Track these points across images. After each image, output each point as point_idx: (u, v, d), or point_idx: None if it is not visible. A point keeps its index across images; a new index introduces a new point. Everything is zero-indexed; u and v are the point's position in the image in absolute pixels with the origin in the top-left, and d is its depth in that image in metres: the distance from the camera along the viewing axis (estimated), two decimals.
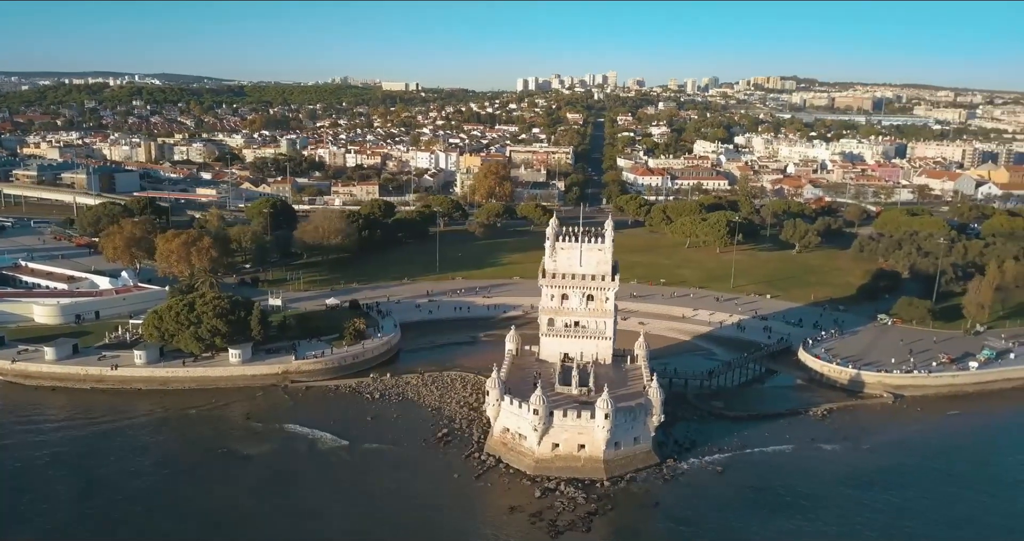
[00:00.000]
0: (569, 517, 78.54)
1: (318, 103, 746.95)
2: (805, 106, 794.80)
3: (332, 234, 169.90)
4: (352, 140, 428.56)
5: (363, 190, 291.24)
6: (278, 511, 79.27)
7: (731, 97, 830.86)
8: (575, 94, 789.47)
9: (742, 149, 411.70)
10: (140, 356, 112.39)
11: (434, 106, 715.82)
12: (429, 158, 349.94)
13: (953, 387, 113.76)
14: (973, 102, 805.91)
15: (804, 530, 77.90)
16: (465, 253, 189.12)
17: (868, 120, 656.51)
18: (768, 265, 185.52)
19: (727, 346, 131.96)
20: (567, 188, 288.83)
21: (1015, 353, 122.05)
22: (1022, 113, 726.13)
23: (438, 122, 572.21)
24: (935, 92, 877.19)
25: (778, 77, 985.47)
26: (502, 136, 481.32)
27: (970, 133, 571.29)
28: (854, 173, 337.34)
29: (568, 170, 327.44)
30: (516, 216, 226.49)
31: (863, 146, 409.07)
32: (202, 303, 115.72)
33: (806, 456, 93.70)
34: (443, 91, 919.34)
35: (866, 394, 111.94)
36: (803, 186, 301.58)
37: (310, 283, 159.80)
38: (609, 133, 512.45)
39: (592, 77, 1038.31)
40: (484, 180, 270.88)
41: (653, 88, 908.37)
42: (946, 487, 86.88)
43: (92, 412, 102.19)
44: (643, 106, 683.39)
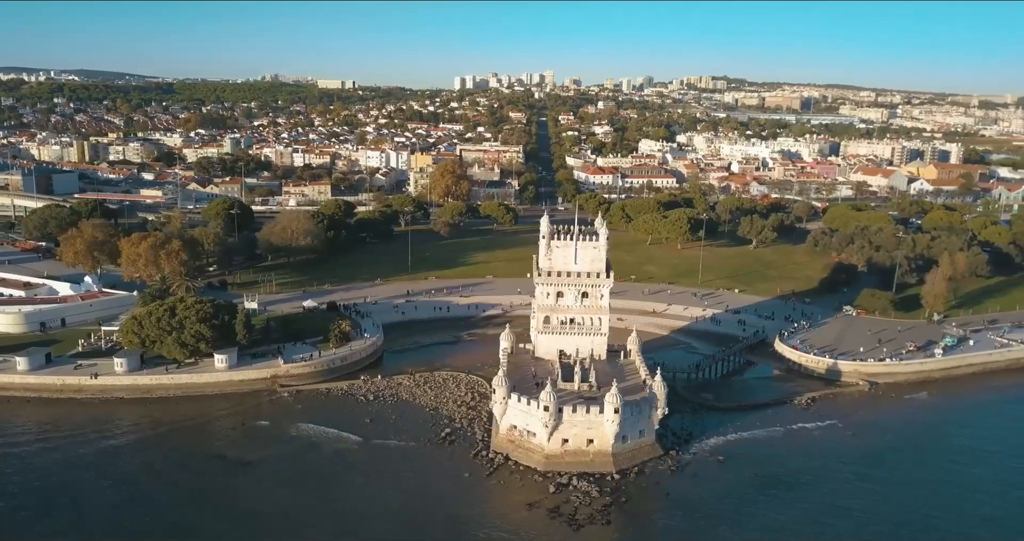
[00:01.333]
0: (587, 511, 79.98)
1: (252, 101, 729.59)
2: (737, 105, 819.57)
3: (301, 235, 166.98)
4: (296, 139, 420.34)
5: (315, 190, 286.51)
6: (315, 512, 78.29)
7: (667, 96, 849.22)
8: (515, 93, 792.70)
9: (685, 148, 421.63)
10: (121, 364, 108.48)
11: (374, 104, 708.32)
12: (380, 157, 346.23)
13: (922, 373, 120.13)
14: (893, 102, 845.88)
15: (811, 509, 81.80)
16: (433, 253, 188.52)
17: (798, 119, 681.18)
18: (729, 261, 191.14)
19: (705, 340, 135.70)
20: (522, 187, 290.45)
21: (973, 340, 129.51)
22: (938, 113, 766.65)
23: (380, 121, 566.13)
24: (857, 92, 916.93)
25: (709, 77, 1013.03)
26: (448, 135, 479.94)
27: (893, 132, 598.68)
28: (795, 171, 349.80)
29: (520, 169, 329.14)
30: (479, 215, 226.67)
31: (800, 144, 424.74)
32: (183, 308, 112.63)
33: (798, 443, 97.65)
34: (380, 89, 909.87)
35: (843, 382, 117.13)
36: (749, 183, 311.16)
37: (281, 285, 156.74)
38: (553, 132, 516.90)
39: (529, 76, 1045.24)
40: (441, 179, 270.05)
41: (591, 87, 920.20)
42: (928, 463, 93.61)
43: (74, 424, 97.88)
44: (583, 105, 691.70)
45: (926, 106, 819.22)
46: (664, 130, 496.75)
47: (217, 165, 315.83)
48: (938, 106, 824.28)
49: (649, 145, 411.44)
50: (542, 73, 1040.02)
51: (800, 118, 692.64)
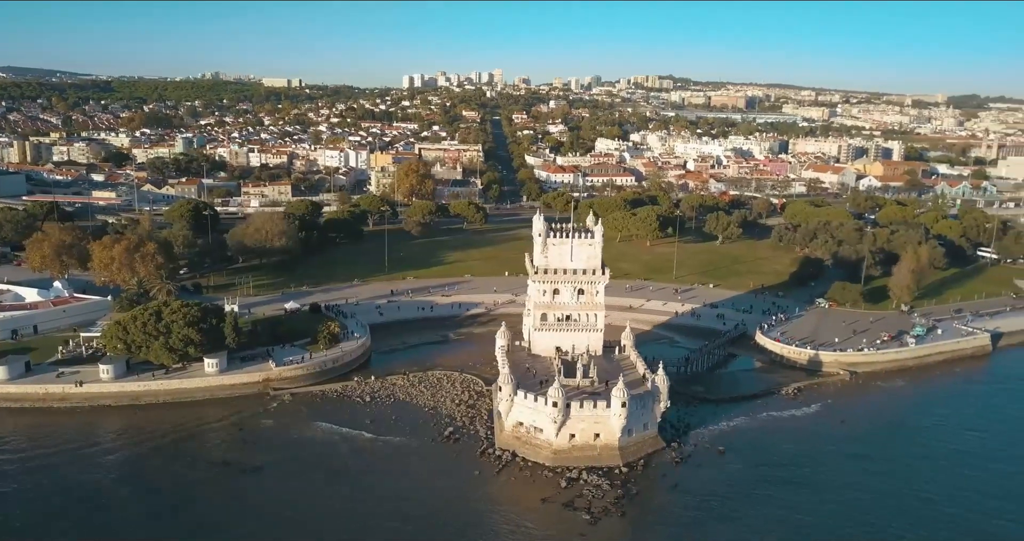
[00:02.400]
0: (600, 504, 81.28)
1: (196, 100, 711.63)
2: (684, 104, 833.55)
3: (275, 236, 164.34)
4: (248, 139, 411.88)
5: (275, 190, 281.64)
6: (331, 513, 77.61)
7: (616, 95, 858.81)
8: (466, 92, 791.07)
9: (640, 146, 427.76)
10: (107, 370, 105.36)
11: (323, 103, 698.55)
12: (338, 156, 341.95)
13: (897, 362, 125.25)
14: (832, 101, 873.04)
15: (813, 493, 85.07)
16: (407, 252, 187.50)
17: (744, 118, 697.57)
18: (699, 256, 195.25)
19: (687, 334, 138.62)
20: (486, 186, 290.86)
21: (941, 329, 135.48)
22: (875, 111, 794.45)
23: (332, 120, 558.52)
24: (799, 92, 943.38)
25: (656, 76, 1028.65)
26: (403, 134, 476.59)
27: (834, 130, 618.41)
28: (748, 168, 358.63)
29: (482, 168, 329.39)
30: (448, 214, 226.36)
31: (751, 142, 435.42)
32: (170, 312, 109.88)
33: (791, 431, 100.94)
34: (328, 88, 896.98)
35: (825, 372, 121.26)
36: (707, 181, 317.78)
37: (257, 287, 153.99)
38: (509, 131, 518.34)
39: (478, 75, 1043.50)
40: (405, 178, 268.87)
41: (540, 86, 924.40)
42: (914, 444, 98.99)
43: (63, 434, 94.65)
44: (535, 104, 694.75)
45: (863, 105, 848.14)
46: (618, 129, 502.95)
47: (171, 165, 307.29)
48: (874, 105, 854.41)
49: (607, 144, 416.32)
50: (491, 72, 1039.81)
51: (746, 117, 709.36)
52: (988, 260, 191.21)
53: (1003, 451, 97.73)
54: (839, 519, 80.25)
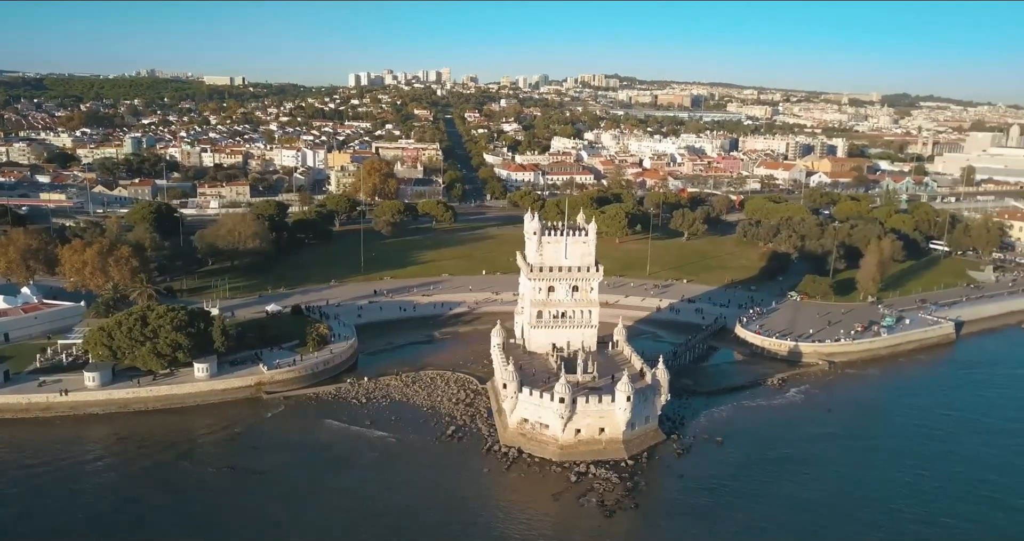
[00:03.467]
0: (612, 496, 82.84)
1: (136, 98, 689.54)
2: (632, 103, 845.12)
3: (249, 238, 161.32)
4: (198, 138, 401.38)
5: (233, 191, 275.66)
6: (346, 515, 77.00)
7: (564, 94, 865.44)
8: (416, 90, 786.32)
9: (595, 145, 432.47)
10: (93, 378, 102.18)
11: (270, 102, 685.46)
12: (295, 156, 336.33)
13: (871, 351, 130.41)
14: (774, 100, 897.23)
15: (813, 479, 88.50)
16: (379, 252, 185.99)
17: (691, 116, 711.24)
18: (667, 252, 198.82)
19: (668, 329, 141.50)
20: (448, 185, 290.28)
21: (908, 319, 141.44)
22: (815, 110, 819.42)
23: (282, 119, 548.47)
24: (741, 90, 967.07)
25: (603, 75, 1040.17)
26: (356, 132, 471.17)
27: (778, 128, 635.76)
28: (702, 165, 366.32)
29: (442, 167, 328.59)
30: (416, 214, 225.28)
31: (703, 140, 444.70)
32: (156, 316, 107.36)
33: (783, 420, 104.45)
34: (272, 86, 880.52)
35: (805, 363, 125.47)
36: (665, 179, 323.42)
37: (233, 290, 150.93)
38: (463, 130, 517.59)
39: (426, 73, 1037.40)
40: (368, 177, 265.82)
41: (489, 85, 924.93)
42: (897, 426, 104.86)
43: (52, 445, 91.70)
44: (487, 103, 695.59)
45: (804, 104, 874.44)
46: (571, 128, 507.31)
47: (122, 166, 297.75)
48: (814, 104, 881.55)
49: (563, 143, 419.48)
50: (439, 70, 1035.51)
51: (693, 115, 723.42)
52: (940, 253, 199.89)
53: (976, 427, 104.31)
54: (840, 497, 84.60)
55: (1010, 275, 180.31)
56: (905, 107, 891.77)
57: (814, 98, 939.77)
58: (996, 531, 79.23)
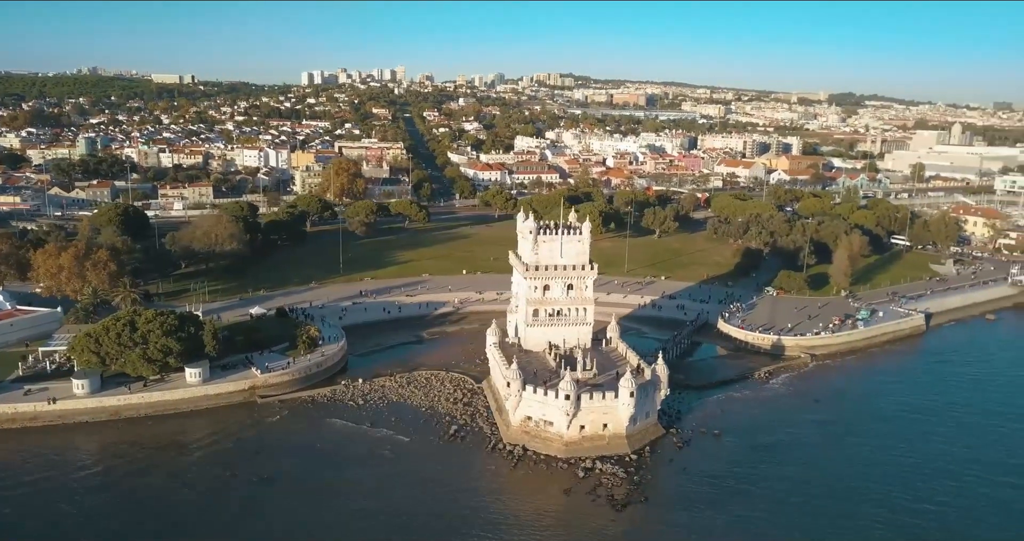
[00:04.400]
0: (621, 491, 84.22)
1: (81, 97, 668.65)
2: (588, 102, 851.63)
3: (226, 240, 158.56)
4: (152, 138, 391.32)
5: (196, 192, 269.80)
6: (359, 517, 76.64)
7: (521, 93, 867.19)
8: (372, 89, 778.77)
9: (558, 144, 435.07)
10: (81, 385, 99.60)
11: (222, 100, 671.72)
12: (258, 156, 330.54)
13: (849, 343, 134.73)
14: (726, 99, 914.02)
15: (813, 466, 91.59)
16: (355, 253, 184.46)
17: (647, 115, 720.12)
18: (642, 250, 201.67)
19: (651, 325, 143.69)
20: (416, 184, 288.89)
21: (881, 312, 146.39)
22: (766, 108, 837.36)
23: (237, 118, 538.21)
24: (695, 90, 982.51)
25: (558, 74, 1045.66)
26: (315, 132, 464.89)
27: (732, 126, 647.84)
28: (664, 164, 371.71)
29: (408, 166, 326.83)
30: (388, 213, 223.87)
31: (663, 139, 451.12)
32: (144, 321, 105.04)
33: (775, 412, 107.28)
34: (223, 84, 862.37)
35: (788, 356, 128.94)
36: (630, 177, 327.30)
37: (212, 293, 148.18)
38: (423, 129, 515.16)
39: (380, 72, 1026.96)
40: (336, 177, 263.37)
41: (445, 83, 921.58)
42: (883, 412, 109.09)
43: (46, 455, 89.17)
44: (445, 102, 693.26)
45: (755, 102, 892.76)
46: (532, 127, 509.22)
47: (77, 167, 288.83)
48: (764, 102, 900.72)
49: (527, 142, 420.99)
50: (394, 69, 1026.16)
51: (648, 114, 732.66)
52: (902, 247, 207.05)
53: (952, 410, 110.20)
54: (840, 480, 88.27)
55: (970, 268, 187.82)
56: (851, 106, 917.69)
57: (764, 97, 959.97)
58: (979, 498, 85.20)
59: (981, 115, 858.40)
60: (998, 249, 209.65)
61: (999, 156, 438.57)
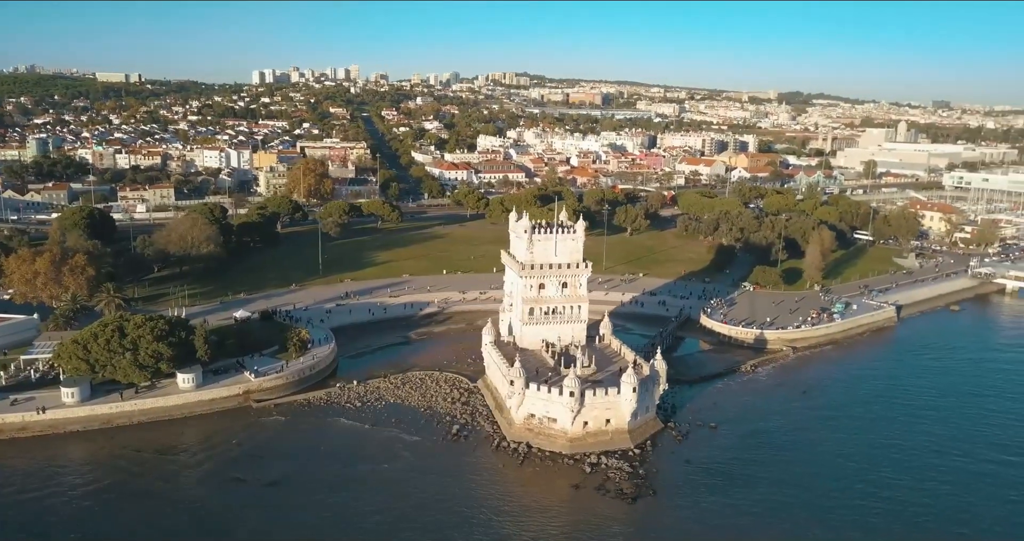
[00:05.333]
0: (630, 484, 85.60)
1: (22, 96, 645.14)
2: (545, 101, 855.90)
3: (203, 242, 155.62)
4: (105, 139, 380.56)
5: (156, 194, 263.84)
6: (374, 518, 76.41)
7: (477, 92, 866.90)
8: (327, 88, 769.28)
9: (520, 143, 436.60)
10: (71, 394, 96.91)
11: (172, 99, 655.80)
12: (219, 157, 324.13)
13: (828, 336, 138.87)
14: (680, 98, 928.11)
15: (810, 453, 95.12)
16: (331, 254, 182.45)
17: (603, 114, 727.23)
18: (616, 247, 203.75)
19: (635, 321, 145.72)
20: (384, 184, 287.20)
21: (855, 305, 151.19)
22: (719, 107, 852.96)
23: (191, 117, 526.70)
24: (648, 89, 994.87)
25: (513, 73, 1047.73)
26: (274, 132, 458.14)
27: (687, 125, 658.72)
28: (627, 163, 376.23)
29: (373, 166, 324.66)
30: (361, 214, 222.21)
31: (623, 138, 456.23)
32: (134, 326, 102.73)
33: (764, 403, 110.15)
34: (172, 83, 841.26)
35: (770, 349, 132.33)
36: (595, 176, 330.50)
37: (191, 297, 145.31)
38: (383, 128, 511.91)
39: (334, 70, 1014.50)
40: (303, 178, 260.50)
41: (401, 82, 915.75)
42: (870, 399, 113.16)
43: (40, 466, 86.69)
44: (402, 101, 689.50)
45: (708, 101, 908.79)
46: (492, 126, 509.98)
47: (31, 169, 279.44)
48: (717, 101, 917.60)
49: (491, 141, 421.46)
50: (347, 68, 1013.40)
51: (605, 113, 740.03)
52: (865, 242, 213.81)
53: (930, 394, 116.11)
54: (836, 466, 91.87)
55: (931, 261, 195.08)
56: (800, 104, 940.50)
57: (716, 96, 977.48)
58: (962, 472, 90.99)
59: (923, 113, 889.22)
60: (955, 243, 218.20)
61: (945, 153, 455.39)
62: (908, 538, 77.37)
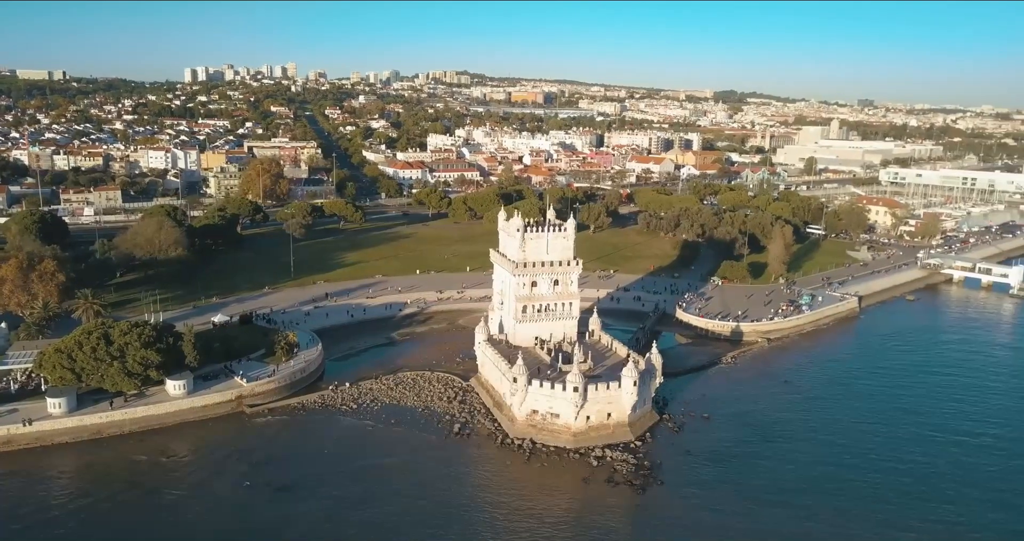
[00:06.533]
0: (638, 475, 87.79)
1: None
2: (488, 100, 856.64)
3: (171, 246, 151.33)
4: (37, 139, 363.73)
5: (102, 197, 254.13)
6: (395, 518, 76.29)
7: (419, 90, 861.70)
8: (267, 86, 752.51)
9: (470, 142, 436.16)
10: (58, 404, 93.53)
11: (103, 98, 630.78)
12: (164, 157, 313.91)
13: (798, 327, 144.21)
14: (620, 97, 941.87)
15: (804, 434, 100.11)
16: (299, 256, 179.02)
17: (546, 113, 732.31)
18: (582, 245, 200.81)
19: (612, 316, 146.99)
20: (340, 184, 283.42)
21: (820, 296, 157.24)
22: (658, 106, 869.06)
23: (126, 116, 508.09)
24: (589, 87, 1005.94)
25: (454, 72, 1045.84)
26: (216, 131, 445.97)
27: (628, 123, 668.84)
28: (578, 161, 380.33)
29: (326, 165, 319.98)
30: (324, 214, 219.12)
31: (572, 136, 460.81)
32: (119, 333, 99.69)
33: (750, 393, 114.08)
34: (99, 81, 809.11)
35: (746, 341, 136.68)
36: (550, 174, 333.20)
37: (162, 302, 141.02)
38: (328, 127, 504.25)
39: (270, 68, 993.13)
40: (258, 179, 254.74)
41: (341, 80, 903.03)
42: (850, 385, 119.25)
43: (33, 480, 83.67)
44: (345, 99, 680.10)
45: (647, 100, 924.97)
46: (440, 125, 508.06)
47: None
48: (656, 100, 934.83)
49: (442, 140, 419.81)
50: (284, 65, 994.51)
51: (548, 112, 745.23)
52: (818, 236, 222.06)
53: (903, 376, 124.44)
54: (829, 447, 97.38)
55: (883, 254, 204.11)
56: (735, 103, 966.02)
57: (655, 95, 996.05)
58: (937, 443, 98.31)
59: (850, 111, 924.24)
60: (901, 236, 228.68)
61: (878, 149, 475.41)
62: (906, 500, 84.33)
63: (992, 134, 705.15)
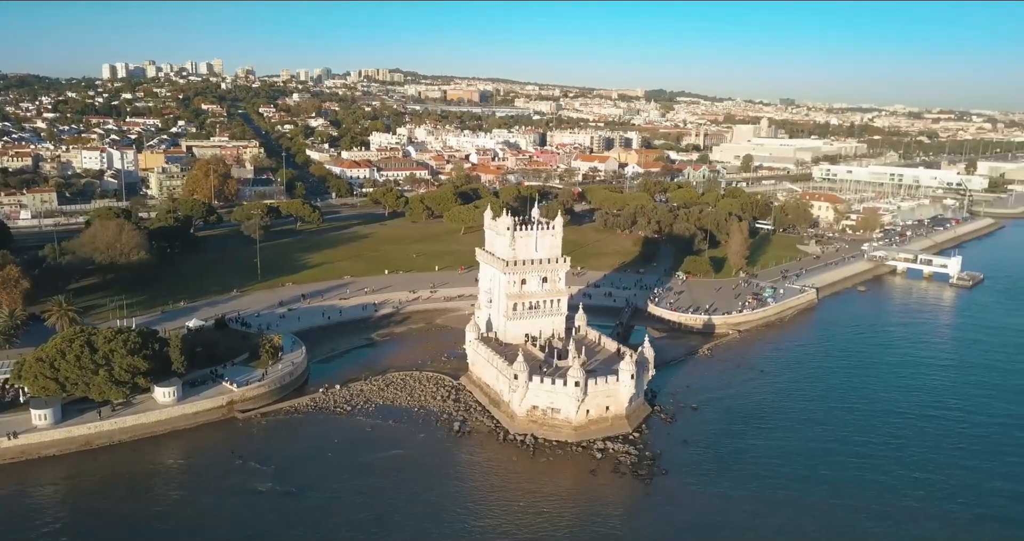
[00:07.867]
0: (642, 466, 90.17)
1: None
2: (423, 98, 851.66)
3: (133, 250, 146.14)
4: None
5: (37, 199, 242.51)
6: (413, 518, 76.33)
7: (354, 88, 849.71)
8: (194, 84, 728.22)
9: (413, 140, 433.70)
10: (43, 416, 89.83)
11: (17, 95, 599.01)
12: (99, 157, 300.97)
13: (765, 319, 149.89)
14: (554, 96, 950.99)
15: (792, 418, 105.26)
16: (261, 258, 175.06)
17: (483, 112, 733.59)
18: None
19: (588, 312, 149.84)
20: (289, 184, 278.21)
21: (781, 289, 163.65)
22: (593, 105, 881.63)
23: (46, 115, 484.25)
24: (523, 86, 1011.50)
25: (386, 70, 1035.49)
26: (147, 131, 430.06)
27: (565, 122, 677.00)
28: (524, 160, 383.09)
29: (269, 165, 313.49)
30: (280, 215, 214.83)
31: (516, 135, 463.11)
32: (103, 341, 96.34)
33: (730, 383, 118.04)
34: (10, 77, 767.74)
35: (718, 333, 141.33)
36: (499, 173, 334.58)
37: (129, 308, 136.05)
38: (264, 125, 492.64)
39: (194, 65, 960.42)
40: (205, 179, 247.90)
41: (271, 78, 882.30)
42: (822, 373, 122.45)
43: (27, 495, 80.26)
44: (278, 97, 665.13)
45: (582, 99, 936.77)
46: (381, 123, 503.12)
47: None
48: (590, 99, 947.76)
49: (385, 138, 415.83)
50: (210, 62, 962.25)
51: (485, 111, 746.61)
52: (768, 231, 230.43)
53: (866, 363, 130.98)
54: (817, 428, 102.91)
55: (831, 247, 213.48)
56: (666, 101, 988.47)
57: (588, 94, 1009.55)
58: (911, 424, 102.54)
59: (775, 110, 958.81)
60: (843, 230, 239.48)
61: (807, 147, 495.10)
62: (884, 463, 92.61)
63: (907, 132, 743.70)
